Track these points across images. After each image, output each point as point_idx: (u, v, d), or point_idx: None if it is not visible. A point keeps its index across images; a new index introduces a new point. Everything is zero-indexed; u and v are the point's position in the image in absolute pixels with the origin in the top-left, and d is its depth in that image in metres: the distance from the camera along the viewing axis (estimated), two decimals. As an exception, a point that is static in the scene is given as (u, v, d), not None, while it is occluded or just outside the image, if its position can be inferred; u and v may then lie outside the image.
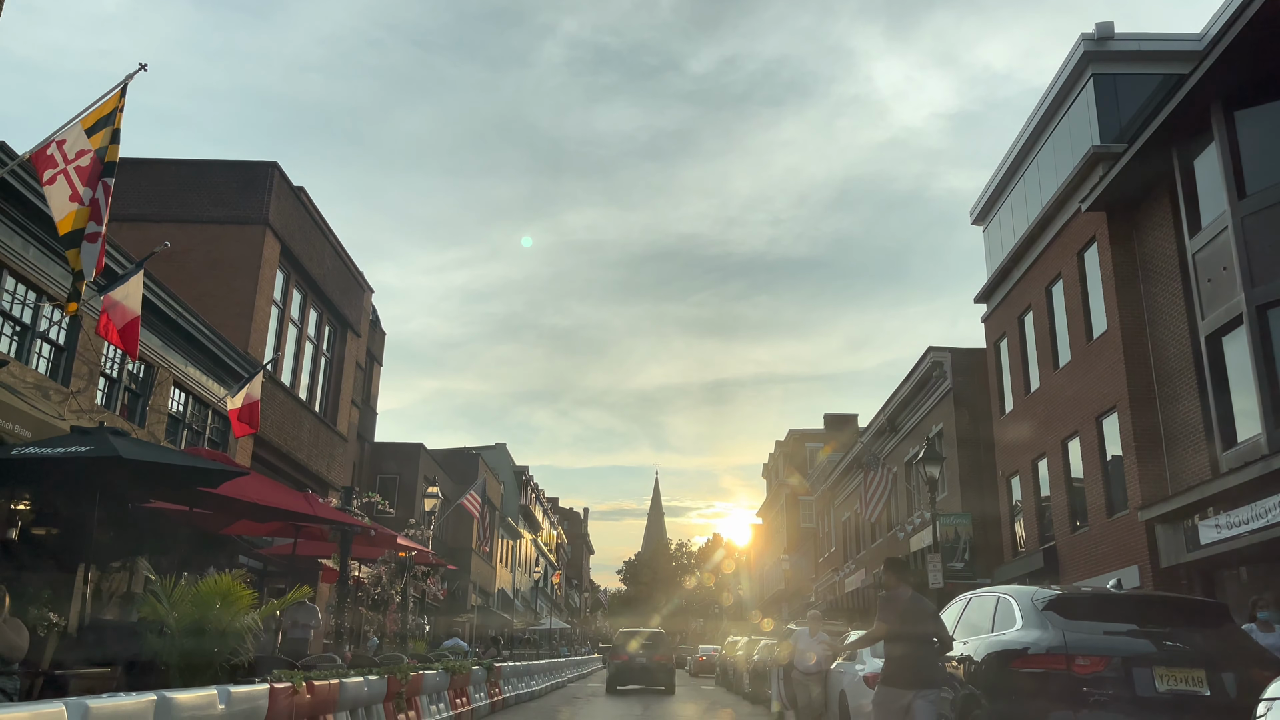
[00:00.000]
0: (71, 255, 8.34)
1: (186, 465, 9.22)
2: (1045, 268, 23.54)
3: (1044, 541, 23.11)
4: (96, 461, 7.96)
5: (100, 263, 8.56)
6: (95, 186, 8.41)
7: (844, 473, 44.40)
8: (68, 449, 8.06)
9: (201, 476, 9.33)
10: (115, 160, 8.60)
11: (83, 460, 7.91)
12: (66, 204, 8.27)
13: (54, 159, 8.41)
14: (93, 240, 8.33)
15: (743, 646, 30.37)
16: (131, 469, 8.31)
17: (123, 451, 7.83)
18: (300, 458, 24.74)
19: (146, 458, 8.30)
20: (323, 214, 28.27)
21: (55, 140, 8.36)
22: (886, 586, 8.09)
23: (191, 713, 6.88)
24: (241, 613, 8.50)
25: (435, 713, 14.42)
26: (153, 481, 9.14)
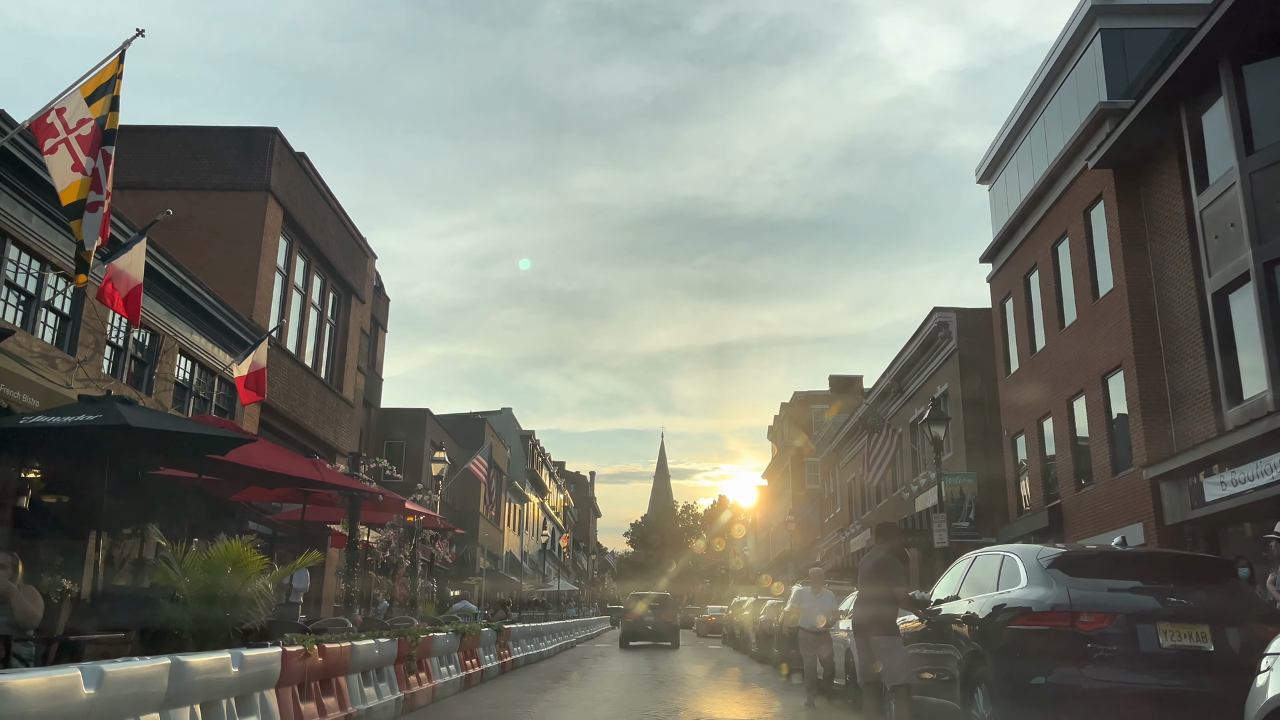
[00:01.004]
0: (75, 226, 8.32)
1: (194, 433, 9.27)
2: (1051, 226, 23.41)
3: (1049, 500, 23.20)
4: (105, 430, 8.00)
5: (105, 232, 8.54)
6: (96, 156, 8.38)
7: (849, 434, 44.50)
8: (76, 418, 8.09)
9: (210, 444, 9.38)
10: (115, 128, 8.55)
11: (91, 429, 7.95)
12: (69, 174, 8.24)
13: (54, 128, 8.36)
14: (94, 210, 8.30)
15: (749, 607, 30.66)
16: (140, 437, 8.34)
17: (131, 420, 7.86)
18: (307, 424, 24.85)
19: (155, 426, 8.33)
20: (324, 180, 28.16)
21: (55, 108, 8.31)
22: (894, 552, 8.78)
23: (205, 676, 6.97)
24: (252, 578, 8.58)
25: (446, 674, 14.61)
26: (161, 449, 9.17)
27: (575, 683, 17.56)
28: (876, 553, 8.90)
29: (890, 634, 8.43)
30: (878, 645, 8.41)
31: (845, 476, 46.29)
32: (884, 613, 8.47)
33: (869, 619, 8.53)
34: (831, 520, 50.07)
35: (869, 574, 8.71)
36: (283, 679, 8.39)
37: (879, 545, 9.05)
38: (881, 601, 8.50)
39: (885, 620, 8.46)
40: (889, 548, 8.96)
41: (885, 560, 8.75)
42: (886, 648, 8.38)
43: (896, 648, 8.40)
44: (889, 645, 8.39)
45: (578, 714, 12.59)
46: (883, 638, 8.40)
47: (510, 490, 61.11)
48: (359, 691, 10.49)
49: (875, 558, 8.81)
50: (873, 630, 8.46)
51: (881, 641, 8.40)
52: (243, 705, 7.68)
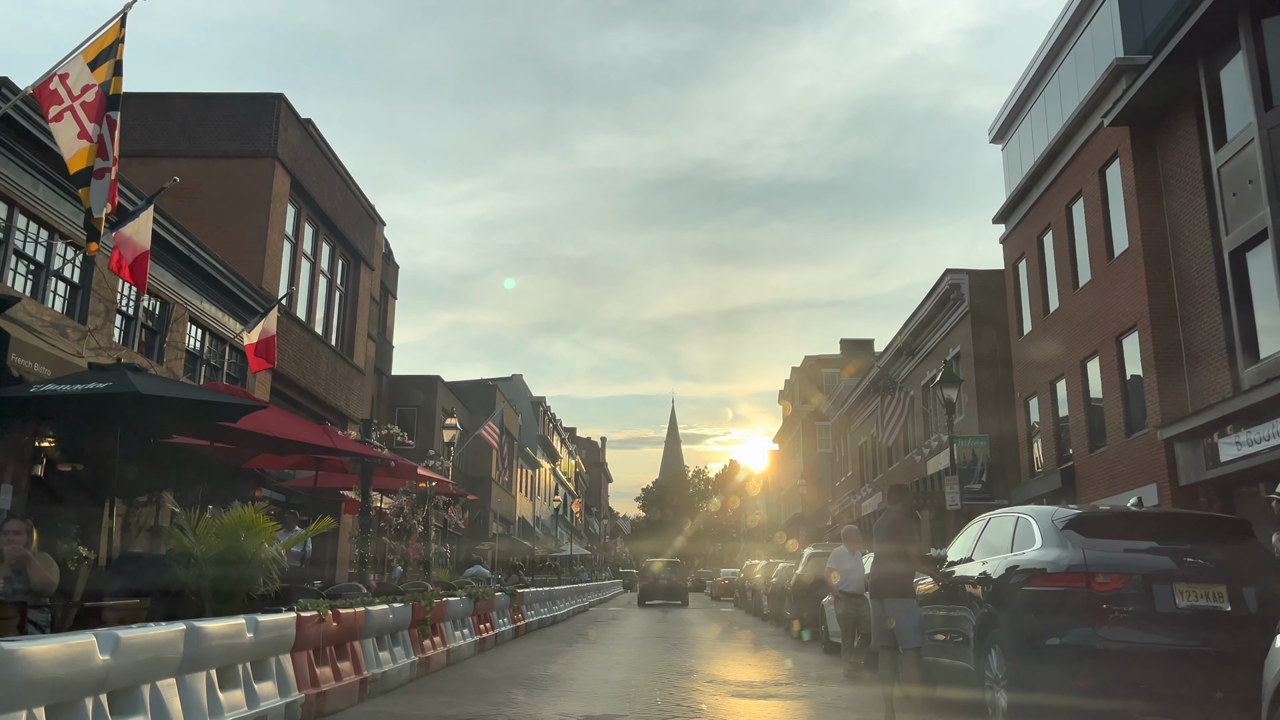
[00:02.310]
0: (83, 194, 8.26)
1: (204, 400, 9.24)
2: (1066, 185, 23.12)
3: (1062, 462, 23.13)
4: (115, 397, 7.98)
5: (113, 199, 8.47)
6: (101, 122, 8.29)
7: (861, 397, 44.43)
8: (86, 385, 8.08)
9: (220, 410, 9.35)
10: (119, 93, 8.45)
11: (101, 396, 7.93)
12: (75, 142, 8.17)
13: (58, 94, 8.27)
14: (101, 177, 8.23)
15: (760, 570, 30.83)
16: (150, 404, 8.32)
17: (141, 387, 7.83)
18: (319, 392, 24.90)
19: (164, 393, 8.29)
20: (331, 146, 27.98)
21: (58, 74, 8.20)
22: (905, 513, 8.78)
23: (221, 641, 7.00)
24: (265, 543, 8.60)
25: (460, 638, 14.71)
26: (172, 416, 9.16)
27: (589, 645, 17.69)
28: (889, 514, 8.88)
29: (905, 595, 8.41)
30: (891, 607, 8.40)
31: (857, 439, 46.29)
32: (898, 574, 8.46)
33: (884, 580, 8.51)
34: (844, 483, 50.14)
35: (883, 535, 8.69)
36: (298, 644, 8.44)
37: (891, 507, 9.02)
38: (895, 562, 8.49)
39: (900, 581, 8.43)
40: (901, 508, 8.93)
41: (899, 521, 8.72)
42: (900, 609, 8.36)
43: (911, 609, 8.38)
44: (903, 607, 8.37)
45: (592, 675, 12.68)
46: (897, 599, 8.38)
47: (522, 456, 61.36)
48: (374, 655, 10.56)
49: (889, 519, 8.78)
50: (887, 591, 8.44)
51: (896, 603, 8.39)
52: (258, 669, 7.73)
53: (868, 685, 12.03)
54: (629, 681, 12.01)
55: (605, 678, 12.41)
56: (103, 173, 8.30)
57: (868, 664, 11.97)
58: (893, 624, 8.36)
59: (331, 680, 9.19)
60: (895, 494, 9.09)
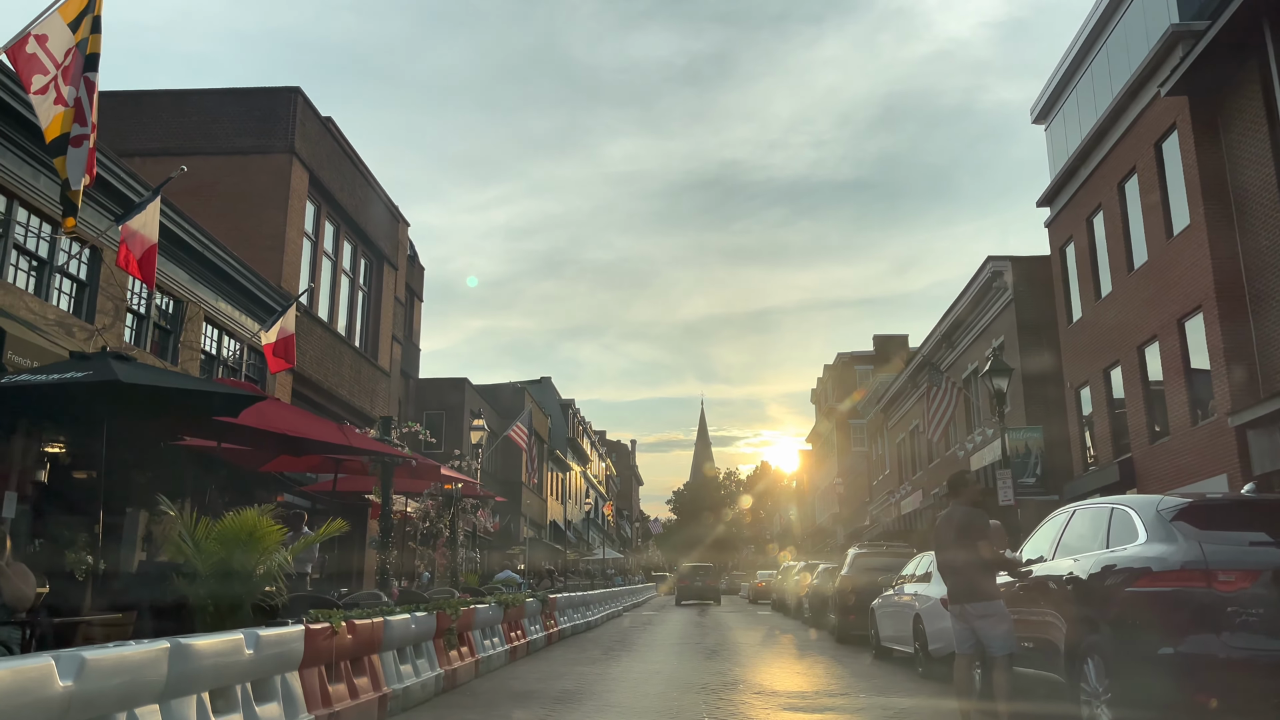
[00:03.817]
0: (59, 164, 7.49)
1: (195, 389, 8.38)
2: (1117, 163, 21.97)
3: (1119, 454, 21.95)
4: (94, 387, 7.18)
5: (91, 169, 7.69)
6: (78, 84, 7.53)
7: (897, 394, 43.26)
8: (63, 375, 7.28)
9: (215, 403, 8.50)
10: (98, 52, 7.68)
11: (80, 386, 7.14)
12: (52, 108, 7.39)
13: (39, 62, 7.51)
14: (78, 145, 7.45)
15: (800, 572, 29.79)
16: (136, 396, 7.52)
17: (122, 375, 7.01)
18: (342, 394, 24.22)
19: (150, 382, 7.49)
20: (353, 146, 27.32)
21: (33, 34, 7.43)
22: (972, 504, 8.00)
23: (214, 660, 6.18)
24: (271, 550, 7.79)
25: (489, 648, 13.89)
26: (162, 410, 8.33)
27: (626, 653, 16.82)
28: (955, 509, 7.87)
29: (989, 598, 7.41)
30: (974, 612, 7.42)
31: (894, 437, 45.09)
32: (978, 575, 7.48)
33: (962, 584, 7.54)
34: (880, 482, 48.93)
35: (953, 533, 7.70)
36: (307, 659, 7.62)
37: (956, 500, 7.96)
38: (972, 563, 7.52)
39: (981, 583, 7.45)
40: (967, 500, 7.91)
41: (968, 515, 7.71)
42: (987, 613, 7.36)
43: (999, 613, 7.38)
44: (990, 610, 7.36)
45: (630, 687, 11.81)
46: (982, 603, 7.40)
47: (552, 459, 60.60)
48: (394, 670, 9.73)
49: (956, 514, 7.78)
50: (967, 596, 7.47)
51: (980, 607, 7.40)
52: (260, 690, 6.92)
53: (933, 697, 11.10)
54: (671, 695, 11.13)
55: (645, 690, 11.53)
56: (80, 140, 7.52)
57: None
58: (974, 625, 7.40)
59: (346, 698, 8.36)
60: (957, 485, 7.99)
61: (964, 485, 7.98)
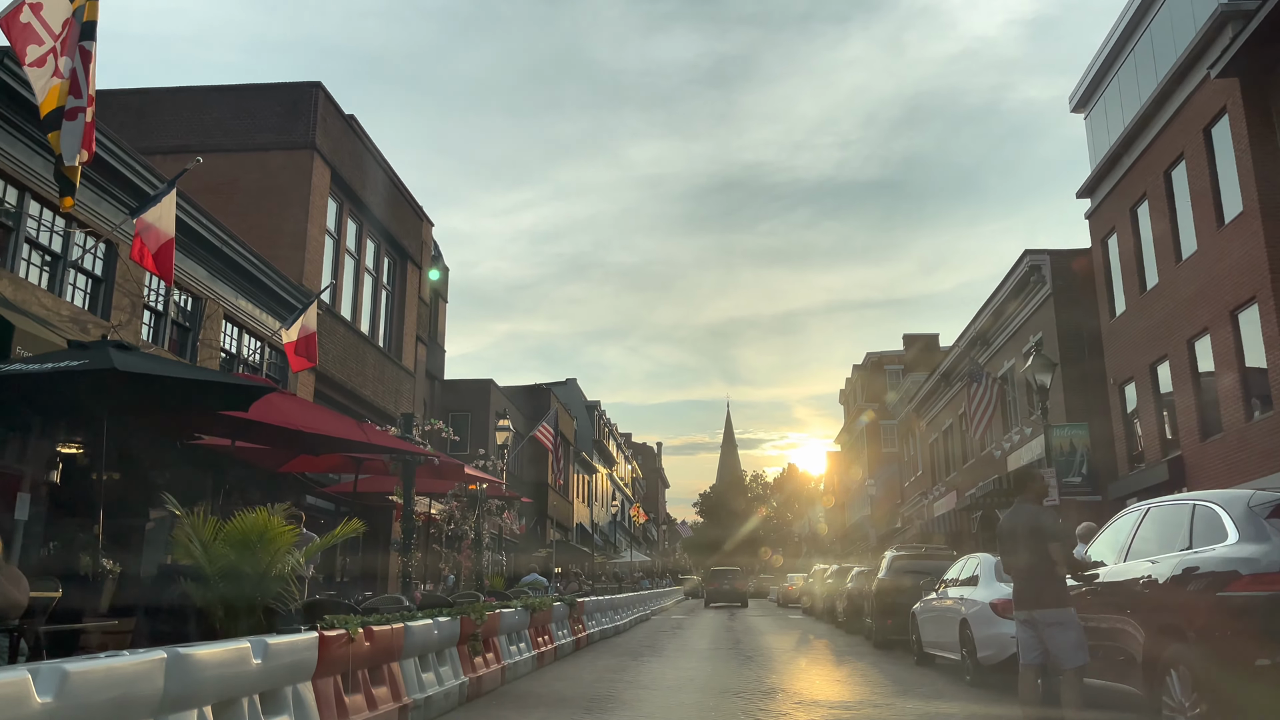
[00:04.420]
0: (52, 138, 7.05)
1: (197, 379, 7.88)
2: (1163, 150, 21.16)
3: (1167, 452, 21.13)
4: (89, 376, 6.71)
5: (89, 144, 7.23)
6: (74, 54, 7.08)
7: (930, 393, 42.41)
8: (57, 364, 6.82)
9: (219, 394, 8.00)
10: (95, 19, 7.24)
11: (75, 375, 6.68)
12: (49, 81, 6.95)
13: (34, 32, 7.07)
14: (73, 118, 7.00)
15: (833, 576, 29.09)
16: (133, 384, 7.05)
17: (119, 363, 6.55)
18: (365, 394, 23.83)
19: (149, 370, 7.01)
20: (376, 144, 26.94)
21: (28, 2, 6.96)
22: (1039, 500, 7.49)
23: (217, 671, 5.68)
24: (282, 553, 7.31)
25: (515, 654, 13.37)
26: (164, 401, 7.86)
27: (656, 658, 16.26)
28: (1024, 508, 7.24)
29: (1060, 605, 6.80)
30: (1043, 620, 6.82)
31: (928, 436, 44.23)
32: (1048, 580, 6.86)
33: (1031, 590, 6.92)
34: (913, 484, 48.05)
35: (1022, 534, 7.08)
36: (321, 668, 7.13)
37: (1023, 499, 7.35)
38: (1043, 567, 6.90)
39: (1052, 589, 6.83)
40: (1034, 497, 7.30)
41: (1037, 514, 7.09)
42: (1057, 621, 6.76)
43: (1069, 622, 6.78)
44: (1060, 619, 6.76)
45: (663, 695, 11.26)
46: (1052, 610, 6.79)
47: (578, 461, 60.14)
48: (416, 678, 9.23)
49: (1026, 514, 7.16)
50: (1035, 602, 6.86)
51: (1050, 615, 6.79)
52: (270, 703, 6.42)
53: (984, 704, 10.49)
54: (707, 703, 10.58)
55: (679, 699, 10.96)
56: (75, 113, 7.06)
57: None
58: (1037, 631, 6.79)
59: (364, 709, 7.86)
60: (1025, 482, 7.40)
61: (1031, 482, 7.36)
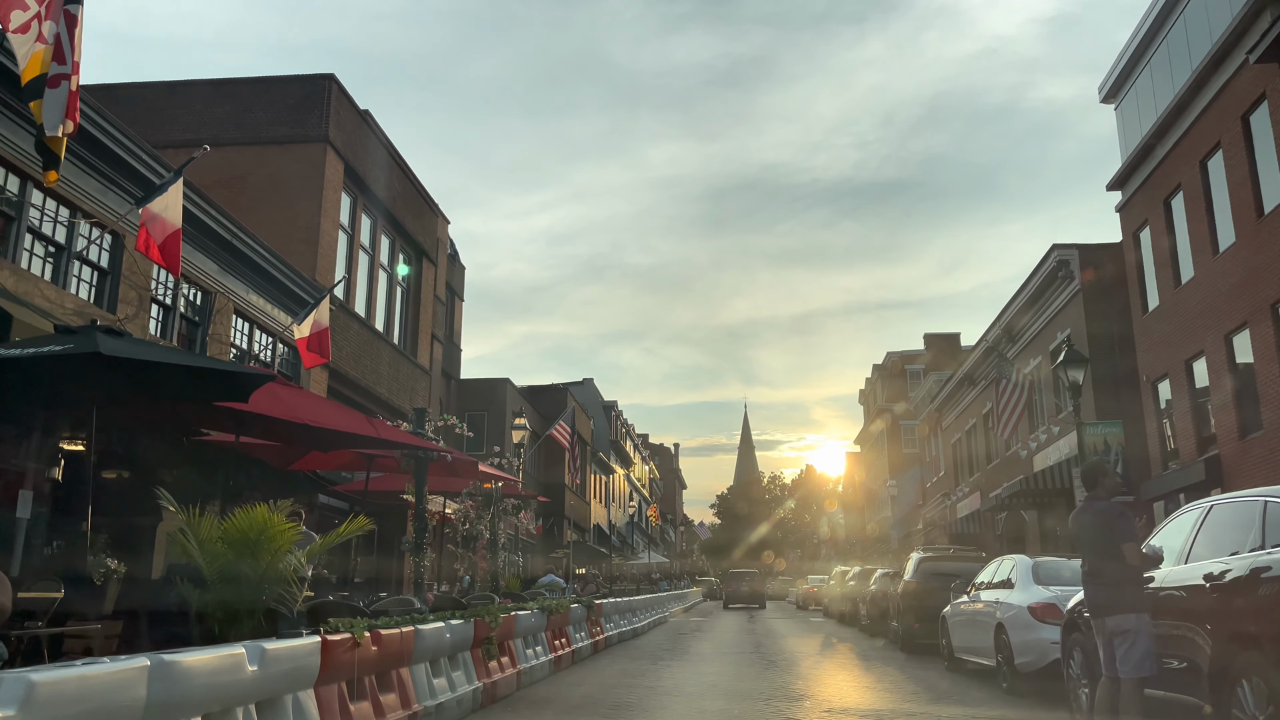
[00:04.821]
0: (35, 107, 6.63)
1: (191, 365, 7.39)
2: (1198, 139, 20.51)
3: (1204, 450, 20.46)
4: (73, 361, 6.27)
5: (73, 114, 6.81)
6: (58, 18, 6.67)
7: (953, 392, 41.72)
8: (40, 349, 6.40)
9: (216, 381, 7.50)
10: (81, -22, 6.86)
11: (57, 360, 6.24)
12: (32, 46, 6.54)
13: (23, 0, 6.67)
14: (56, 85, 6.58)
15: (855, 577, 28.52)
16: (124, 371, 6.61)
17: (104, 348, 6.11)
18: (380, 392, 23.46)
19: (136, 355, 6.57)
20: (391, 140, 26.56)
21: (13, -36, 6.61)
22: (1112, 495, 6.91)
23: (207, 680, 5.25)
24: (283, 552, 6.87)
25: (531, 657, 12.93)
26: (153, 389, 7.39)
27: (677, 662, 15.77)
28: (1096, 504, 6.65)
29: (1131, 611, 6.23)
30: (1112, 627, 6.27)
31: (950, 436, 43.53)
32: (1121, 584, 6.31)
33: (1101, 595, 6.39)
34: (934, 484, 47.34)
35: (1095, 533, 6.51)
36: (324, 675, 6.69)
37: (1093, 494, 6.77)
38: (1116, 570, 6.37)
39: (1124, 594, 6.27)
40: (1106, 492, 6.71)
41: (1110, 512, 6.52)
42: (1124, 628, 6.19)
43: (1140, 629, 6.20)
44: (1129, 625, 6.16)
45: (686, 701, 10.79)
46: (1120, 617, 6.21)
47: (595, 461, 59.71)
48: (426, 684, 8.79)
49: (1098, 510, 6.57)
50: (1106, 608, 6.30)
51: (1118, 621, 6.21)
52: (267, 713, 5.98)
53: (1024, 710, 10.00)
54: (733, 710, 10.10)
55: (703, 705, 10.49)
56: (59, 80, 6.64)
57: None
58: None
59: (371, 718, 7.44)
60: (1096, 475, 6.79)
61: (1102, 475, 6.76)
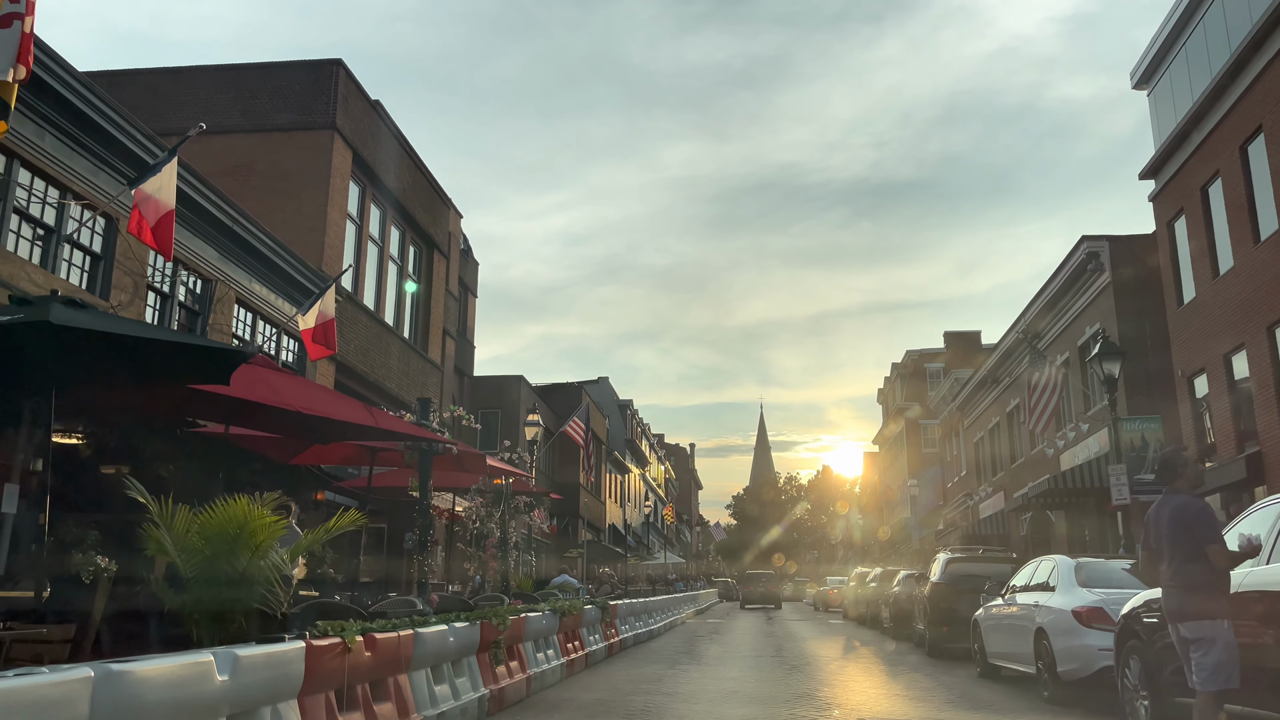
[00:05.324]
0: (-22, 46, 6.02)
1: (159, 339, 6.60)
2: (1238, 123, 19.67)
3: (1244, 447, 19.61)
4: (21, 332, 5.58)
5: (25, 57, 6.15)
6: (7, -48, 6.06)
7: (975, 390, 40.84)
8: (-12, 320, 5.74)
9: (188, 359, 6.74)
10: (41, -84, 6.28)
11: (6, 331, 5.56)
12: (-26, -17, 5.93)
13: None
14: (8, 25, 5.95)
15: (877, 578, 27.78)
16: (74, 344, 5.92)
17: (56, 318, 5.44)
18: (389, 386, 22.87)
19: (91, 326, 5.86)
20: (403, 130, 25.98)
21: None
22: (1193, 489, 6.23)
23: (166, 692, 4.59)
24: (265, 549, 6.24)
25: (543, 661, 12.27)
26: (115, 367, 6.68)
27: (695, 665, 15.10)
28: (1170, 499, 5.93)
29: (1208, 617, 5.56)
30: (1187, 634, 5.60)
31: (972, 435, 42.65)
32: (1201, 587, 5.64)
33: (1176, 598, 5.70)
34: (956, 484, 46.44)
35: (1169, 531, 5.82)
36: (310, 684, 6.04)
37: (1172, 488, 6.03)
38: (1197, 571, 5.68)
39: (1202, 599, 5.56)
40: (1187, 484, 5.96)
41: (1191, 508, 5.80)
42: (1200, 635, 5.52)
43: (1218, 638, 5.52)
44: (1205, 633, 5.51)
45: (706, 709, 10.14)
46: (1196, 623, 5.55)
47: (610, 460, 59.06)
48: (427, 692, 8.14)
49: (1172, 506, 5.84)
50: (1180, 614, 5.62)
51: (1193, 628, 5.55)
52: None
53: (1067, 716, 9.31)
54: (756, 717, 9.42)
55: (725, 713, 9.81)
56: (10, 19, 6.00)
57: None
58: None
59: (364, 731, 6.80)
60: (1175, 466, 6.00)
61: (1182, 466, 5.99)
